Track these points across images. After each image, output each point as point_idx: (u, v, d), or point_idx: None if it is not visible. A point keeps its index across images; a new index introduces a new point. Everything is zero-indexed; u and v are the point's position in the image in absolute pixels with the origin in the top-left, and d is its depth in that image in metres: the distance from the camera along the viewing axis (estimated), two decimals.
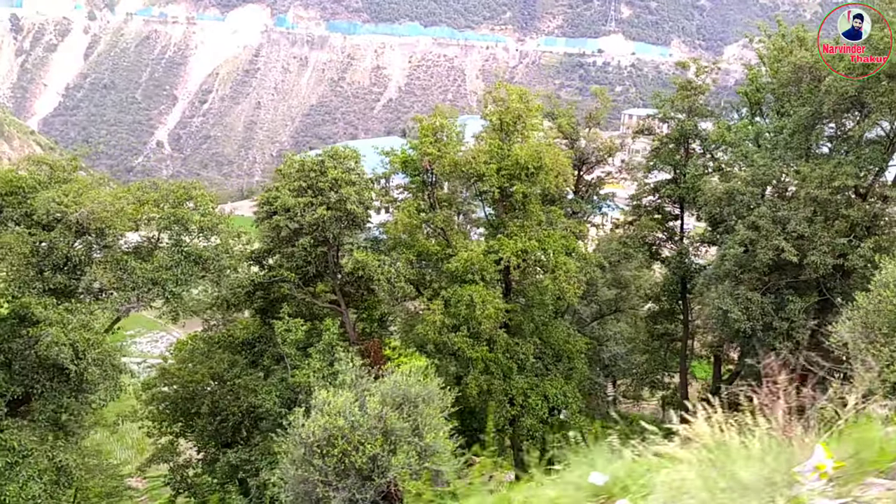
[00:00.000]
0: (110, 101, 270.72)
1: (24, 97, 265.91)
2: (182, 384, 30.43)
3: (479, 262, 25.91)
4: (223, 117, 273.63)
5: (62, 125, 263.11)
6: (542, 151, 25.40)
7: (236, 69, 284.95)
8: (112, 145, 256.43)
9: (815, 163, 26.57)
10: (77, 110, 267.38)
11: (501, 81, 28.75)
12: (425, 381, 17.74)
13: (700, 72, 36.52)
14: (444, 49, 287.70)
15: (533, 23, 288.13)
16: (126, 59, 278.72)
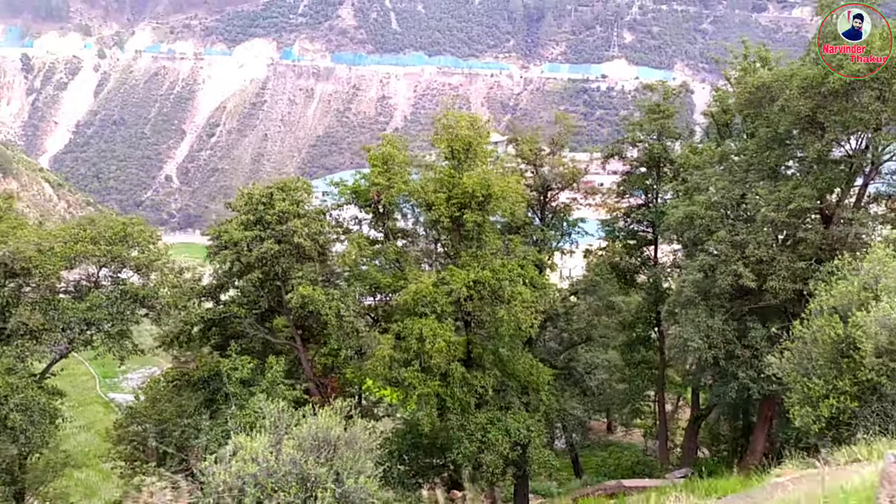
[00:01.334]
0: (120, 136, 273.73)
1: (35, 135, 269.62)
2: (153, 423, 29.85)
3: (430, 294, 25.21)
4: (231, 150, 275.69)
5: (73, 161, 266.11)
6: (491, 179, 24.81)
7: (243, 102, 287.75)
8: (122, 180, 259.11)
9: (773, 185, 25.80)
10: (87, 147, 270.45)
11: (450, 109, 28.26)
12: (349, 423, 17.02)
13: (667, 94, 36.05)
14: (448, 78, 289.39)
15: (536, 50, 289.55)
16: (135, 95, 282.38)
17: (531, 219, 33.87)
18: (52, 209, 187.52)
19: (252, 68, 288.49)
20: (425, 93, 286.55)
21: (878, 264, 15.30)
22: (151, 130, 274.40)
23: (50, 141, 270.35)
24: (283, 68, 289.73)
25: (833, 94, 23.20)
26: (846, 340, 14.35)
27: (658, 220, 34.30)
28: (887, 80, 21.97)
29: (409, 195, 25.47)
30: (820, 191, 24.56)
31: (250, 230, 25.98)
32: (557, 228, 34.89)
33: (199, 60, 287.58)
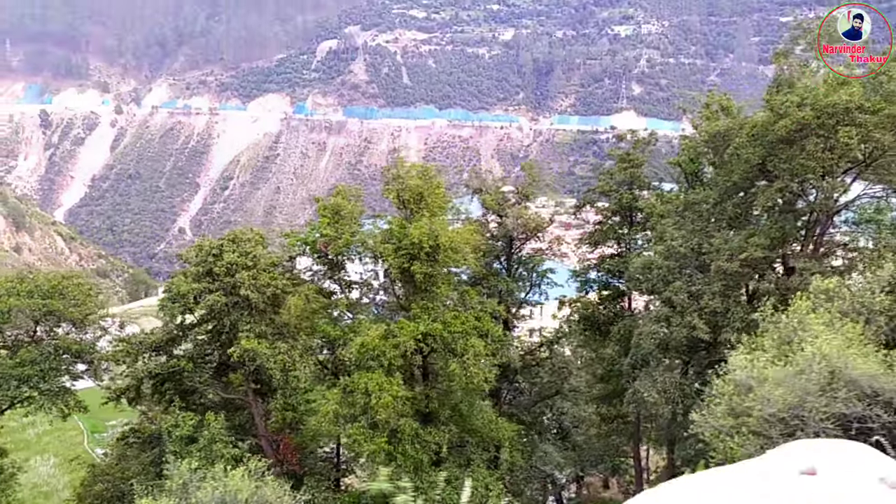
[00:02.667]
0: (135, 190, 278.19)
1: (52, 189, 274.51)
2: (112, 482, 29.26)
3: (378, 347, 24.57)
4: (244, 202, 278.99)
5: (87, 215, 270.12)
6: (439, 230, 24.39)
7: (257, 156, 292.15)
8: (135, 233, 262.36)
9: (730, 234, 25.18)
10: (102, 200, 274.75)
11: (401, 159, 28.07)
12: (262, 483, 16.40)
13: (638, 144, 35.76)
14: (458, 130, 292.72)
15: (546, 102, 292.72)
16: (151, 149, 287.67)
17: (497, 269, 33.34)
18: (64, 262, 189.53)
19: (266, 122, 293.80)
20: (436, 145, 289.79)
21: (796, 319, 14.56)
22: (166, 184, 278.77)
23: (66, 195, 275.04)
24: (297, 122, 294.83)
25: (781, 141, 22.74)
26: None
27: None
28: (832, 126, 21.48)
29: (358, 246, 25.10)
30: (774, 240, 23.87)
31: (199, 282, 25.65)
32: (525, 279, 34.27)
33: (214, 115, 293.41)
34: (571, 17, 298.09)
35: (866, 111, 21.59)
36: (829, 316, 15.84)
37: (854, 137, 20.98)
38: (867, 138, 21.27)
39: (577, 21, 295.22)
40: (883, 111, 21.40)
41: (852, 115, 21.48)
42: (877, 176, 22.56)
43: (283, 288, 25.98)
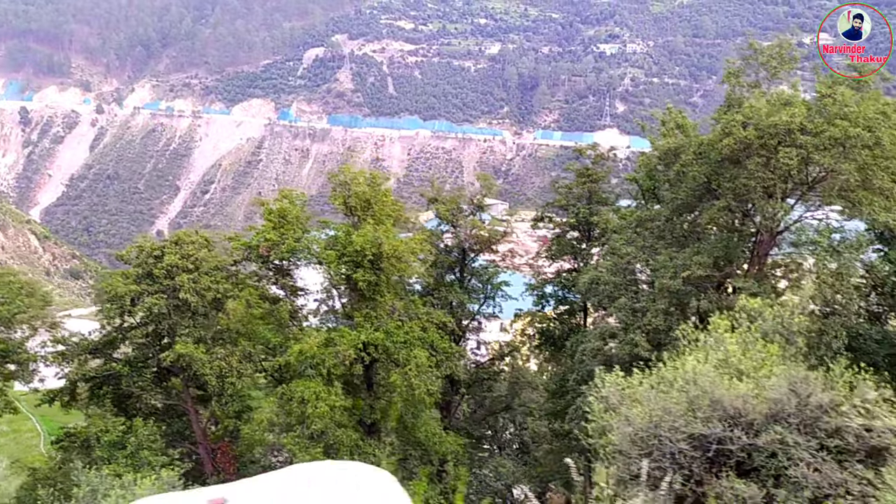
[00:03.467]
0: (113, 191, 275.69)
1: (29, 187, 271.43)
2: (54, 486, 28.44)
3: (316, 355, 24.19)
4: (224, 207, 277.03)
5: (64, 214, 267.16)
6: (382, 238, 24.09)
7: (239, 160, 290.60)
8: (112, 234, 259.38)
9: (677, 251, 25.08)
10: (80, 200, 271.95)
11: (347, 165, 27.81)
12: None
13: (597, 159, 35.75)
14: (442, 142, 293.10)
15: (530, 117, 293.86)
16: (131, 150, 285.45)
17: (450, 281, 33.08)
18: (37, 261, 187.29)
19: (249, 128, 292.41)
20: (419, 156, 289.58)
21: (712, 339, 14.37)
22: (145, 186, 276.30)
23: (43, 193, 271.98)
24: (280, 128, 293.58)
25: (726, 160, 22.72)
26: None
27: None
28: (774, 147, 21.47)
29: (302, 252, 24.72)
30: (718, 259, 23.81)
31: (138, 284, 25.16)
32: (480, 292, 34.03)
33: (196, 118, 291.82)
34: (558, 33, 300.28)
35: (808, 133, 21.60)
36: (747, 336, 15.71)
37: (794, 158, 20.96)
38: (808, 160, 21.25)
39: (564, 38, 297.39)
40: (825, 133, 21.41)
41: (794, 136, 21.47)
42: (819, 198, 22.57)
43: (224, 292, 25.52)
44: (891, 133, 21.14)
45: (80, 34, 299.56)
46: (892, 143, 21.22)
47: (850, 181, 21.01)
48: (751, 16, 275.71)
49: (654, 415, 8.02)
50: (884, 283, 27.95)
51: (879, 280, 28.04)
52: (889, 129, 21.21)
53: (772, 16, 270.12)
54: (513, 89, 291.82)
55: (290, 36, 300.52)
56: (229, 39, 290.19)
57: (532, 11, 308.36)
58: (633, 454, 8.03)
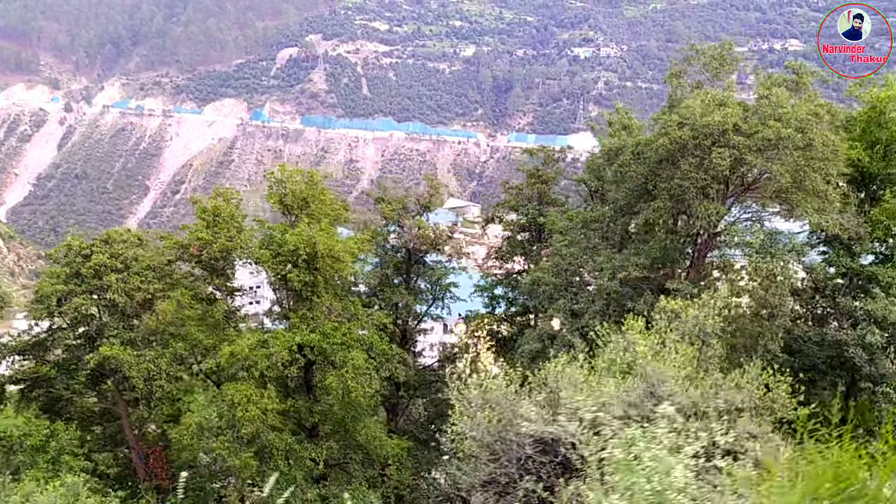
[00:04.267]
0: (81, 190, 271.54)
1: None
2: None
3: (248, 357, 23.61)
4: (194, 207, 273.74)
5: (31, 214, 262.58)
6: (316, 237, 23.59)
7: (210, 161, 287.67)
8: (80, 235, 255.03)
9: (613, 252, 24.88)
10: (47, 199, 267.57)
11: (283, 164, 27.28)
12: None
13: (548, 160, 35.53)
14: (416, 144, 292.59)
15: (504, 120, 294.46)
16: (100, 149, 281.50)
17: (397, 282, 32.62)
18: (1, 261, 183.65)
19: (221, 127, 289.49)
20: (393, 157, 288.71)
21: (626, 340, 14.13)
22: (114, 185, 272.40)
23: (9, 193, 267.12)
24: (253, 129, 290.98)
25: (662, 160, 22.55)
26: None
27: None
28: (708, 147, 21.32)
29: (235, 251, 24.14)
30: (655, 260, 23.63)
31: (66, 284, 24.42)
32: (428, 292, 33.62)
33: (167, 117, 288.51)
34: (532, 37, 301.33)
35: (742, 133, 21.48)
36: (661, 337, 15.48)
37: (727, 159, 20.82)
38: (741, 161, 21.12)
39: (538, 41, 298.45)
40: (758, 134, 21.30)
41: (728, 136, 21.33)
42: (752, 199, 22.47)
43: (154, 292, 24.85)
44: (822, 134, 21.09)
45: (48, 31, 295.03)
46: (823, 144, 21.17)
47: (782, 183, 20.92)
48: (723, 21, 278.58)
49: (503, 418, 7.67)
50: (825, 286, 28.04)
51: (821, 283, 28.13)
52: (821, 131, 21.16)
53: (744, 21, 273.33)
54: (487, 92, 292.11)
55: (263, 35, 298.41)
56: (201, 38, 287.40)
57: (507, 14, 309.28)
58: (483, 457, 7.68)
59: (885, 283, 26.03)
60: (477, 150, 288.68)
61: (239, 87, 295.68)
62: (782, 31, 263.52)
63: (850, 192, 29.53)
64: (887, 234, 27.42)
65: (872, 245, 28.17)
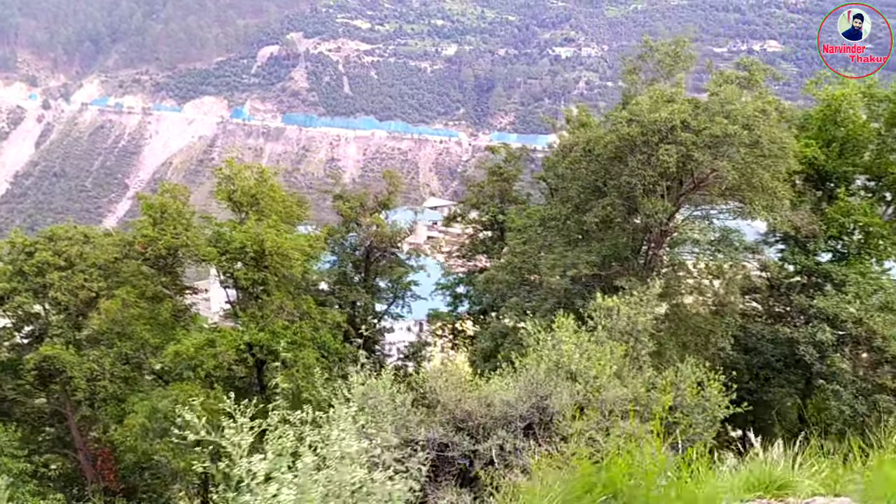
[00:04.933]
0: (59, 189, 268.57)
1: None
2: None
3: (195, 357, 23.18)
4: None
5: (8, 213, 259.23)
6: (264, 234, 23.21)
7: (190, 159, 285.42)
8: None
9: (566, 250, 24.68)
10: (24, 198, 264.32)
11: (231, 159, 26.86)
12: None
13: (509, 158, 35.32)
14: (398, 143, 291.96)
15: (486, 119, 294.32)
16: (78, 147, 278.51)
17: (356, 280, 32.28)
18: None
19: (201, 125, 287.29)
20: (374, 156, 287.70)
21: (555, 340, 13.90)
22: (93, 184, 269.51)
23: None
24: (233, 127, 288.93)
25: (612, 157, 22.38)
26: None
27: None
28: (655, 144, 21.14)
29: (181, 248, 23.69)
30: (606, 258, 23.46)
31: (9, 282, 23.87)
32: (388, 291, 33.30)
33: (147, 115, 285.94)
34: (514, 36, 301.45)
35: (691, 130, 21.34)
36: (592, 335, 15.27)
37: (673, 156, 20.65)
38: (687, 157, 20.97)
39: (520, 41, 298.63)
40: (706, 131, 21.17)
41: (676, 133, 21.18)
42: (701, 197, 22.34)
43: (99, 291, 24.35)
44: (770, 131, 20.98)
45: (26, 28, 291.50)
46: (771, 141, 21.06)
47: (729, 180, 20.79)
48: (703, 22, 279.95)
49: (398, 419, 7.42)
50: (780, 284, 28.02)
51: (776, 280, 28.11)
52: (768, 127, 21.05)
53: (723, 22, 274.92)
54: (469, 91, 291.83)
55: (243, 33, 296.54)
56: (181, 35, 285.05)
57: (489, 14, 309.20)
58: (386, 459, 7.43)
59: (838, 280, 26.06)
60: (459, 149, 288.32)
61: (219, 84, 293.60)
62: (761, 32, 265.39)
63: (806, 190, 29.63)
64: (842, 231, 27.47)
65: (827, 243, 28.24)
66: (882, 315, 23.44)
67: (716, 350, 23.30)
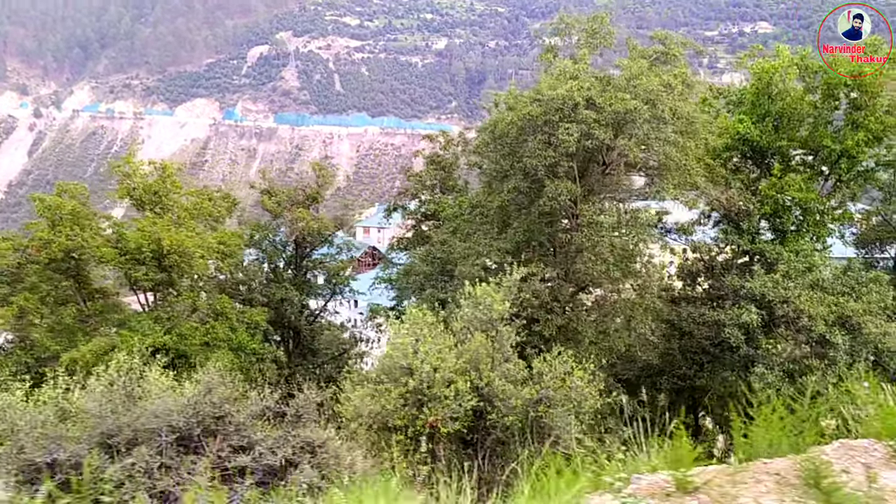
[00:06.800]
0: None
1: None
2: None
3: (92, 364, 22.24)
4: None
5: (3, 222, 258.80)
6: (161, 233, 22.24)
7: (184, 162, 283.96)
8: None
9: (482, 238, 23.67)
10: (19, 207, 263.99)
11: (128, 156, 25.92)
12: None
13: (447, 145, 34.30)
14: (391, 138, 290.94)
15: (478, 112, 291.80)
16: (71, 154, 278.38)
17: (290, 276, 31.33)
18: None
19: (193, 128, 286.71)
20: (368, 152, 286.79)
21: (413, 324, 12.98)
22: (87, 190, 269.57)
23: None
24: (226, 128, 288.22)
25: (517, 139, 21.35)
26: None
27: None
28: (556, 123, 20.09)
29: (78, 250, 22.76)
30: (520, 244, 22.44)
31: None
32: (325, 287, 32.35)
33: (139, 120, 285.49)
34: (504, 27, 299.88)
35: (596, 107, 20.28)
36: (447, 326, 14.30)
37: (573, 134, 19.60)
38: (588, 135, 19.91)
39: (510, 32, 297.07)
40: (608, 108, 20.11)
41: (578, 111, 20.13)
42: (610, 178, 21.29)
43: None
44: (674, 105, 19.91)
45: (14, 36, 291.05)
46: (676, 116, 20.00)
47: (632, 158, 19.73)
48: (693, 6, 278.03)
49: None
50: (712, 266, 26.98)
51: (709, 262, 27.06)
52: (673, 101, 19.98)
53: (714, 6, 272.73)
54: (460, 84, 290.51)
55: (233, 34, 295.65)
56: (170, 38, 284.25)
57: (478, 6, 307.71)
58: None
59: (772, 259, 25.04)
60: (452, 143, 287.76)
61: (210, 86, 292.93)
62: (752, 14, 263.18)
63: (743, 167, 28.55)
64: (777, 209, 26.41)
65: (770, 221, 27.21)
66: (809, 294, 22.38)
67: (637, 335, 22.27)
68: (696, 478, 3.33)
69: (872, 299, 22.51)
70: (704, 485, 3.25)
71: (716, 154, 26.26)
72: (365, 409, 11.95)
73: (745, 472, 3.40)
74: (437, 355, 12.48)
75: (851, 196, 28.08)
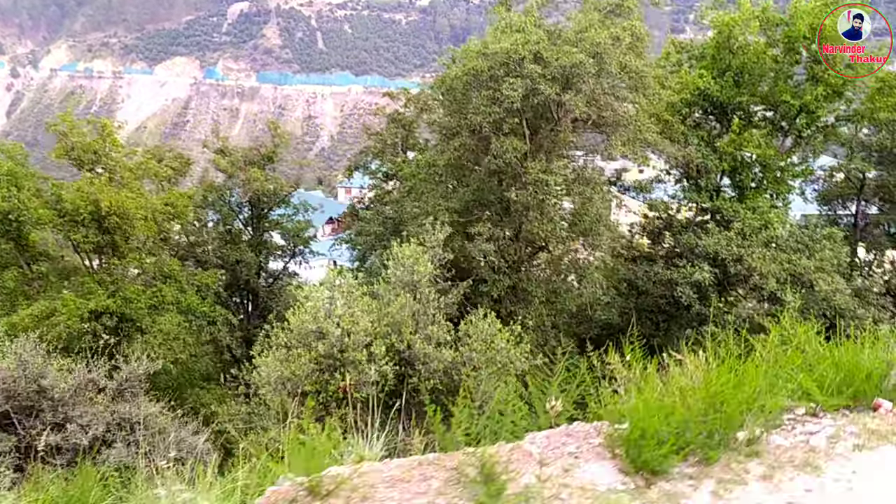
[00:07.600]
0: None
1: None
2: None
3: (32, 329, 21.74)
4: None
5: None
6: (99, 194, 21.59)
7: (165, 122, 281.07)
8: None
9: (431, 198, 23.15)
10: None
11: (64, 114, 25.12)
12: None
13: (409, 102, 33.50)
14: (375, 97, 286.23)
15: None
16: (50, 115, 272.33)
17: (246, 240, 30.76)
18: None
19: (174, 87, 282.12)
20: (352, 112, 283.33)
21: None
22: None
23: None
24: (207, 87, 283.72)
25: (463, 95, 20.72)
26: None
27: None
28: (501, 78, 19.43)
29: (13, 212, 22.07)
30: (469, 203, 21.95)
31: None
32: (285, 249, 31.81)
33: (118, 79, 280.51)
34: None
35: (542, 61, 19.61)
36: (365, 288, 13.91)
37: (518, 89, 18.98)
38: (534, 91, 19.29)
39: None
40: (558, 62, 19.45)
41: (524, 65, 19.47)
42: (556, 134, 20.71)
43: None
44: (621, 58, 19.27)
45: None
46: (624, 70, 19.38)
47: (578, 114, 19.15)
48: None
49: None
50: (671, 223, 26.63)
51: (667, 220, 26.70)
52: (620, 54, 19.33)
53: None
54: (445, 42, 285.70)
55: None
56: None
57: None
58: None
59: (728, 217, 24.71)
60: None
61: (190, 44, 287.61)
62: None
63: (703, 123, 28.01)
64: (735, 165, 25.99)
65: (721, 179, 26.83)
66: (762, 251, 22.10)
67: (589, 295, 21.96)
68: (333, 479, 2.91)
69: (825, 256, 22.28)
70: (336, 487, 2.84)
71: (675, 110, 25.71)
72: (273, 374, 11.59)
73: (418, 467, 2.98)
74: (349, 318, 12.09)
75: (813, 152, 27.67)
